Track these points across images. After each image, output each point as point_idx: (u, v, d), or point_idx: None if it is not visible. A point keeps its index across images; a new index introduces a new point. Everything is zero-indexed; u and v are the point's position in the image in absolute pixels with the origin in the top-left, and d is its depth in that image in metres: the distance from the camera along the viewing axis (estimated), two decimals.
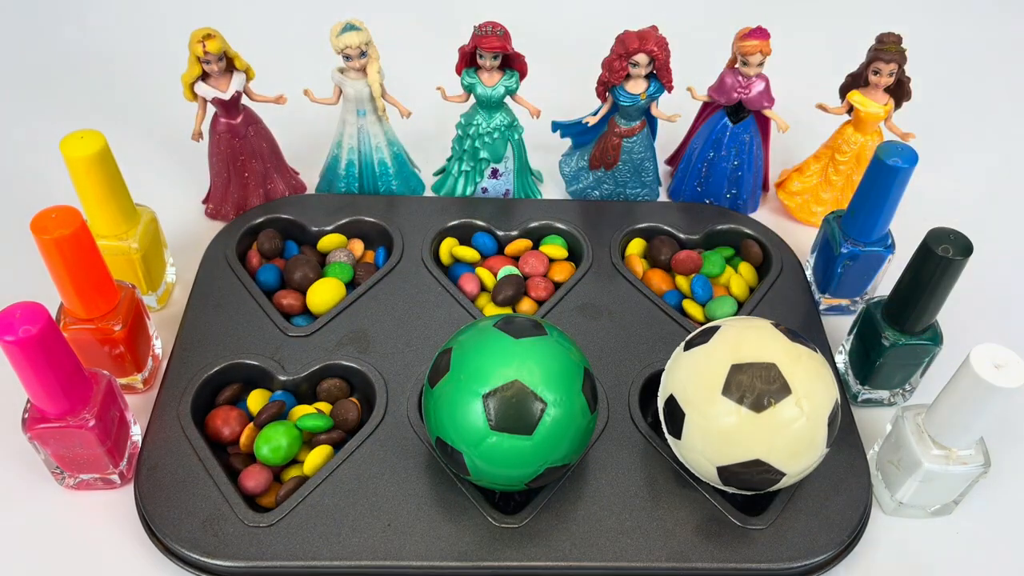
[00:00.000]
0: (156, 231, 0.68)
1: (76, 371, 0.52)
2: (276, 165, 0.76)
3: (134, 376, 0.62)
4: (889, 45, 0.69)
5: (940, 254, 0.55)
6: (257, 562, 0.52)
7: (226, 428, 0.58)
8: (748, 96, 0.72)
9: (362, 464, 0.57)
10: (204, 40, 0.65)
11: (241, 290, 0.67)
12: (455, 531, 0.54)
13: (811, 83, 0.76)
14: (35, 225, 0.52)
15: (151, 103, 0.86)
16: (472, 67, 0.70)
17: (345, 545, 0.53)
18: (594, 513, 0.55)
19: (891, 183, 0.63)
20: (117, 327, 0.58)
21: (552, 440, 0.49)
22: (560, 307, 0.67)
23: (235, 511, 0.54)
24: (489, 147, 0.74)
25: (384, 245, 0.73)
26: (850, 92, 0.72)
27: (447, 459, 0.52)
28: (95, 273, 0.56)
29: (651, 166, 0.77)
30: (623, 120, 0.74)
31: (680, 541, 0.54)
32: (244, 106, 0.71)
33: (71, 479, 0.57)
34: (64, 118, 0.75)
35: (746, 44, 0.69)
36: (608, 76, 0.70)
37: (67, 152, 0.58)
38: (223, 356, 0.62)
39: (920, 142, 0.68)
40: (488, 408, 0.48)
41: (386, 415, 0.59)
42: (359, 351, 0.63)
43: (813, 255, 0.72)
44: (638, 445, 0.58)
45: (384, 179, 0.77)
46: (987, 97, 0.96)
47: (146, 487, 0.55)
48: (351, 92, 0.70)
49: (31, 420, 0.53)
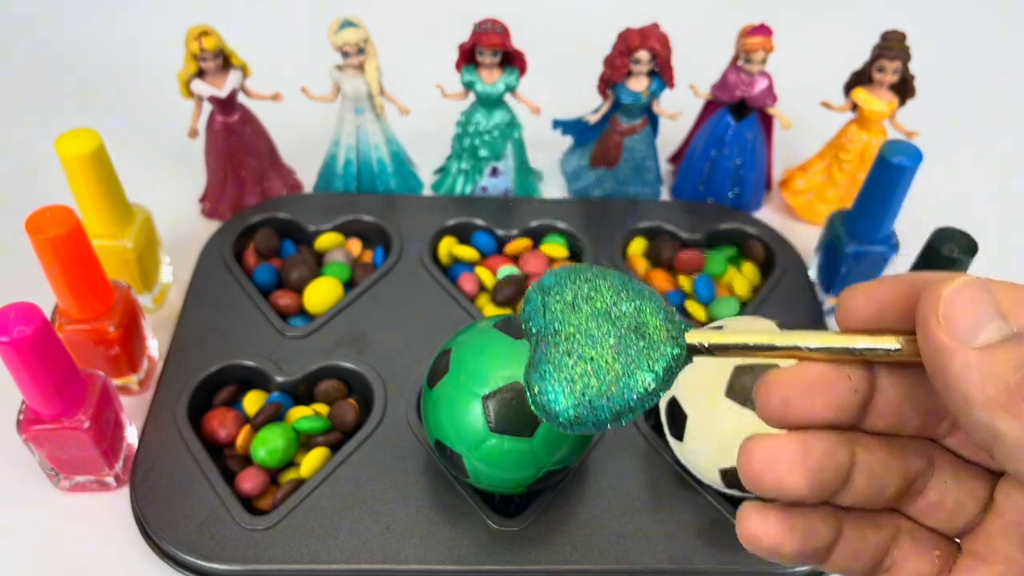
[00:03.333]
0: (151, 230, 0.67)
1: (71, 372, 0.52)
2: (273, 163, 0.75)
3: (129, 377, 0.62)
4: (893, 42, 0.68)
5: (946, 254, 0.54)
6: (254, 565, 0.51)
7: (222, 430, 0.58)
8: (751, 94, 0.72)
9: (360, 466, 0.56)
10: (200, 37, 0.65)
11: (238, 290, 0.67)
12: (454, 534, 0.53)
13: (815, 81, 0.76)
14: (30, 224, 0.52)
15: (147, 101, 0.86)
16: (471, 64, 0.70)
17: (343, 548, 0.52)
18: (595, 516, 0.54)
19: (896, 182, 0.62)
20: (112, 328, 0.58)
21: (552, 442, 0.49)
22: None
23: (231, 514, 0.53)
24: (489, 145, 0.73)
25: (382, 244, 0.72)
26: (854, 90, 0.72)
27: (446, 461, 0.52)
28: (90, 273, 0.56)
29: (653, 164, 0.76)
30: (625, 118, 0.73)
31: (682, 544, 0.53)
32: (241, 104, 0.71)
33: (66, 481, 0.57)
34: (59, 117, 0.74)
35: (749, 41, 0.69)
36: (609, 73, 0.70)
37: (62, 151, 0.58)
38: (219, 357, 0.62)
39: (925, 140, 0.68)
40: (488, 410, 0.48)
41: (384, 417, 0.59)
42: (357, 352, 0.63)
43: (817, 254, 0.72)
44: (639, 447, 0.58)
45: (382, 178, 0.76)
46: (993, 95, 0.96)
47: (141, 489, 0.55)
48: (349, 90, 0.70)
49: (26, 421, 0.52)
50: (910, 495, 0.26)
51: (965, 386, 0.22)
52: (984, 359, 0.22)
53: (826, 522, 0.25)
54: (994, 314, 0.22)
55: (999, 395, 0.22)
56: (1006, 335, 0.22)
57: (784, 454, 0.24)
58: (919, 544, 0.26)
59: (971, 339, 0.22)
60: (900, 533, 0.26)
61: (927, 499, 0.26)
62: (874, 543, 0.26)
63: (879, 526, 0.26)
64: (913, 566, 0.26)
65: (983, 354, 0.22)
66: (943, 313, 0.22)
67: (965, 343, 0.22)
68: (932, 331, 0.23)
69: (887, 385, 0.25)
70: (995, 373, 0.22)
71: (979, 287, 0.23)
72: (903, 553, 0.26)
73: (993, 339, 0.22)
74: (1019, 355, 0.22)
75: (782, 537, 0.25)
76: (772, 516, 0.25)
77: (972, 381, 0.22)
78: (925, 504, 0.26)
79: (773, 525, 0.25)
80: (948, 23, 1.02)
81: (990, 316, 0.22)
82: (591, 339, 0.24)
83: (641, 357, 0.24)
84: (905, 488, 0.26)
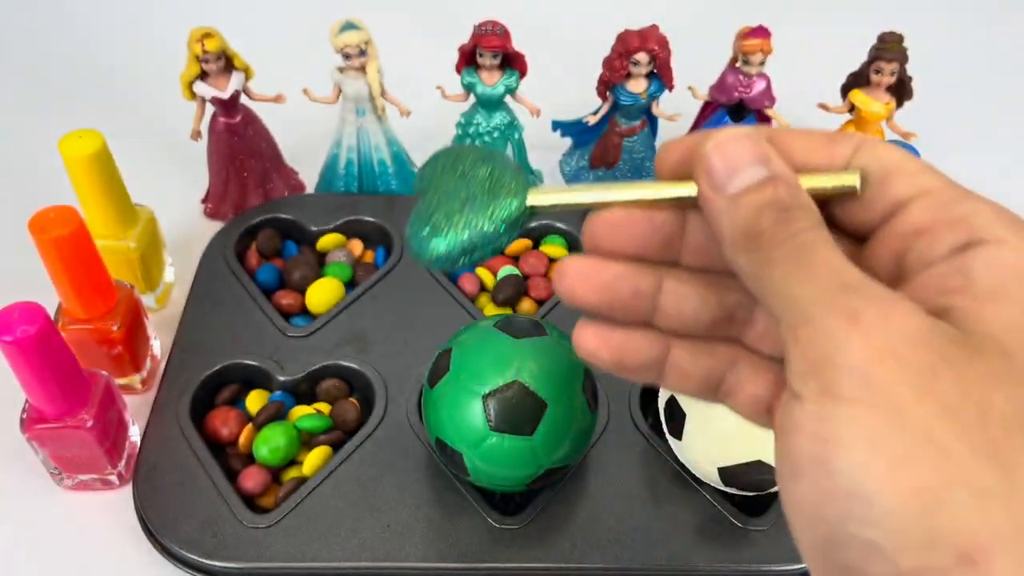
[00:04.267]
0: (155, 231, 0.67)
1: (74, 371, 0.52)
2: (275, 164, 0.76)
3: (132, 376, 0.62)
4: (891, 44, 0.68)
5: None
6: (256, 563, 0.52)
7: (225, 429, 0.58)
8: (749, 95, 0.72)
9: (361, 465, 0.56)
10: (203, 39, 0.65)
11: (240, 290, 0.67)
12: (455, 532, 0.53)
13: (812, 82, 0.76)
14: (33, 224, 0.52)
15: (150, 102, 0.86)
16: (472, 66, 0.70)
17: (344, 546, 0.52)
18: (595, 514, 0.55)
19: None
20: (115, 327, 0.58)
21: (552, 441, 0.49)
22: (560, 307, 0.67)
23: (234, 512, 0.54)
24: (489, 146, 0.74)
25: (384, 245, 0.72)
26: (852, 91, 0.72)
27: (447, 460, 0.52)
28: (93, 273, 0.56)
29: (652, 166, 0.77)
30: (624, 119, 0.73)
31: (681, 542, 0.53)
32: (243, 105, 0.71)
33: (69, 480, 0.57)
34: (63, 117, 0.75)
35: (747, 43, 0.69)
36: (609, 75, 0.70)
37: (65, 152, 0.58)
38: (222, 356, 0.62)
39: (922, 142, 0.68)
40: (488, 408, 0.48)
41: (385, 416, 0.59)
42: (358, 351, 0.63)
43: None
44: (639, 446, 0.58)
45: (383, 179, 0.76)
46: (990, 96, 0.96)
47: (144, 488, 0.55)
48: (350, 91, 0.70)
49: (29, 420, 0.53)
50: (739, 325, 0.28)
51: (718, 230, 0.25)
52: (730, 205, 0.24)
53: (649, 341, 0.28)
54: (751, 161, 0.24)
55: (738, 237, 0.24)
56: (756, 180, 0.24)
57: (580, 270, 0.28)
58: (757, 370, 0.28)
59: (723, 188, 0.24)
60: (739, 360, 0.28)
61: (756, 329, 0.28)
62: (705, 366, 0.28)
63: (713, 353, 0.28)
64: (750, 390, 0.28)
65: (730, 200, 0.24)
66: (704, 165, 0.25)
67: (718, 192, 0.25)
68: (697, 182, 0.25)
69: (695, 227, 0.28)
70: (736, 217, 0.24)
71: (740, 137, 0.25)
72: (740, 378, 0.28)
73: (743, 186, 0.24)
74: (759, 199, 0.24)
75: (597, 347, 0.28)
76: (592, 329, 0.28)
77: (722, 225, 0.24)
78: (756, 333, 0.28)
79: (591, 336, 0.28)
80: (946, 24, 1.02)
81: (747, 164, 0.24)
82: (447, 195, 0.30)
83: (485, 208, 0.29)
84: (725, 317, 0.28)
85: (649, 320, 0.28)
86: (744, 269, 0.24)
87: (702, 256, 0.28)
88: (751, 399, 0.28)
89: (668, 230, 0.28)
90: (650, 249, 0.28)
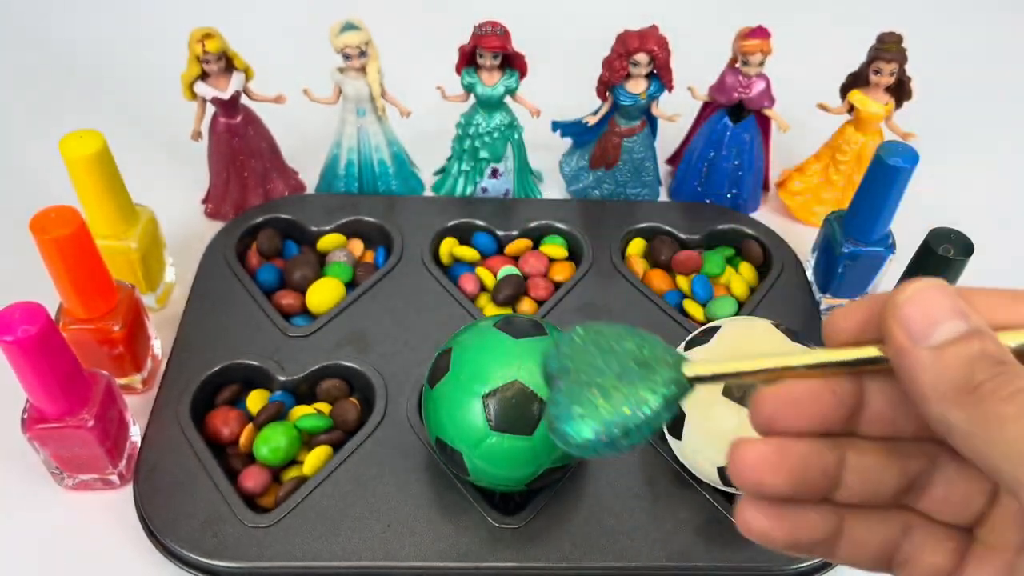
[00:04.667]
0: (155, 231, 0.67)
1: (75, 371, 0.52)
2: (275, 165, 0.76)
3: (133, 376, 0.62)
4: (890, 44, 0.69)
5: (941, 254, 0.55)
6: (256, 563, 0.52)
7: (225, 428, 0.58)
8: (749, 96, 0.72)
9: (361, 465, 0.56)
10: (203, 39, 0.65)
11: (240, 290, 0.67)
12: (455, 532, 0.54)
13: (812, 83, 0.76)
14: (34, 225, 0.52)
15: (150, 103, 0.86)
16: (472, 66, 0.70)
17: (344, 546, 0.53)
18: (594, 514, 0.55)
19: (892, 183, 0.62)
20: (116, 327, 0.58)
21: (552, 441, 0.49)
22: (560, 307, 0.67)
23: (234, 512, 0.54)
24: (489, 147, 0.74)
25: (384, 245, 0.73)
26: (851, 92, 0.72)
27: (447, 459, 0.52)
28: (94, 273, 0.56)
29: (651, 166, 0.77)
30: (623, 120, 0.73)
31: (680, 541, 0.54)
32: (243, 106, 0.71)
33: (70, 479, 0.57)
34: (63, 117, 0.75)
35: (747, 43, 0.69)
36: (608, 75, 0.70)
37: (66, 152, 0.58)
38: (222, 356, 0.62)
39: (921, 142, 0.68)
40: (488, 408, 0.48)
41: (386, 415, 0.59)
42: (358, 351, 0.63)
43: (814, 255, 0.72)
44: (638, 446, 0.58)
45: (383, 179, 0.76)
46: (989, 96, 0.96)
47: (145, 488, 0.55)
48: (350, 91, 0.70)
49: (30, 420, 0.53)
50: (916, 492, 0.27)
51: (920, 385, 0.23)
52: (935, 357, 0.23)
53: (823, 516, 0.27)
54: (949, 314, 0.24)
55: (948, 391, 0.23)
56: (960, 333, 0.23)
57: (764, 456, 0.26)
58: (933, 537, 0.27)
59: (924, 339, 0.23)
60: (913, 528, 0.27)
61: (933, 495, 0.27)
62: (881, 536, 0.27)
63: (886, 521, 0.27)
64: (929, 559, 0.27)
65: (934, 353, 0.23)
66: (899, 317, 0.24)
67: (919, 343, 0.24)
68: (892, 335, 0.24)
69: (875, 394, 0.27)
70: (945, 369, 0.23)
71: (935, 289, 0.24)
72: (916, 546, 0.27)
73: (946, 338, 0.23)
74: (968, 351, 0.23)
75: (770, 527, 0.26)
76: (763, 508, 0.27)
77: (926, 379, 0.23)
78: (933, 500, 0.27)
79: (763, 516, 0.26)
80: (945, 25, 1.03)
81: (945, 316, 0.24)
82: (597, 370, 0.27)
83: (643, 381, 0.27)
84: (907, 486, 0.27)
85: (829, 496, 0.27)
86: (958, 426, 0.23)
87: (884, 424, 0.27)
88: (931, 569, 0.27)
89: (851, 401, 0.26)
90: (834, 423, 0.27)
